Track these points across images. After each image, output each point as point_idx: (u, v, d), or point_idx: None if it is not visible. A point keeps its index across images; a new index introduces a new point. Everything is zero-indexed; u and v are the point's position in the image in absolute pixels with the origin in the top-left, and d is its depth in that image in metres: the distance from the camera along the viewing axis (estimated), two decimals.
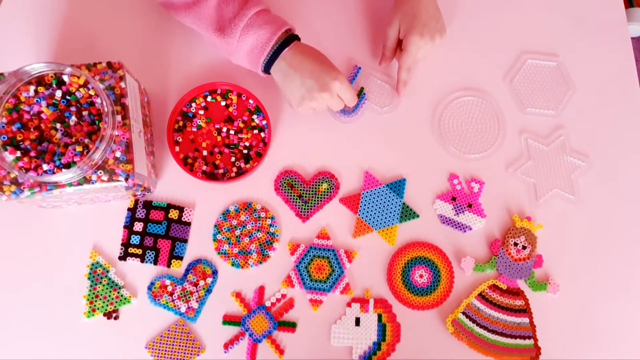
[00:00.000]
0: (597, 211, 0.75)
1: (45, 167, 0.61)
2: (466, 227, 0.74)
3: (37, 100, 0.63)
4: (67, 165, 0.61)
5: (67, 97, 0.63)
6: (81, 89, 0.63)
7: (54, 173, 0.61)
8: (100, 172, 0.62)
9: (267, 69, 0.71)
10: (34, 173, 0.61)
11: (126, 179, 0.63)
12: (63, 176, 0.60)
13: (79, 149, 0.61)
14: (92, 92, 0.63)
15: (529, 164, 0.77)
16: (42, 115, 0.63)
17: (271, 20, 0.69)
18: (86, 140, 0.62)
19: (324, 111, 0.76)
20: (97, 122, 0.63)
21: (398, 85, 0.76)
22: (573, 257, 0.74)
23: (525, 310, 0.71)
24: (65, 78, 0.63)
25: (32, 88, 0.63)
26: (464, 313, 0.71)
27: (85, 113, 0.63)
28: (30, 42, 0.79)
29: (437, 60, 0.80)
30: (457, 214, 0.75)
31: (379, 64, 0.77)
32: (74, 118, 0.63)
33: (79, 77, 0.63)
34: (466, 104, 0.79)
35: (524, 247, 0.73)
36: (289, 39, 0.70)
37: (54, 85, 0.63)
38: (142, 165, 0.67)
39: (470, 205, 0.75)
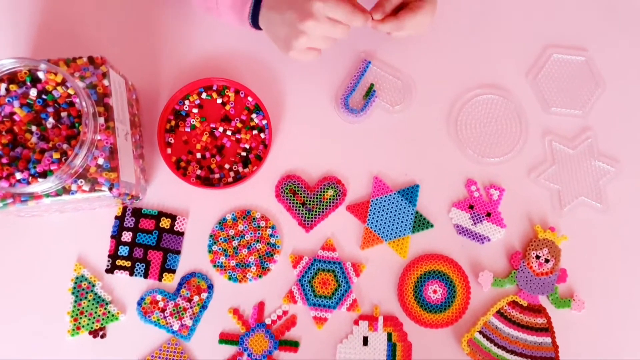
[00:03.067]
0: (626, 221, 0.71)
1: (18, 175, 0.55)
2: (484, 238, 0.70)
3: (8, 100, 0.57)
4: (44, 174, 0.55)
5: (43, 97, 0.57)
6: (59, 88, 0.57)
7: (28, 183, 0.55)
8: (81, 182, 0.57)
9: (255, 23, 0.65)
10: (5, 183, 0.55)
11: (110, 189, 0.57)
12: (39, 186, 0.55)
13: (56, 155, 0.55)
14: (71, 91, 0.57)
15: (553, 169, 0.72)
16: (15, 117, 0.57)
17: None
18: (64, 146, 0.56)
19: (328, 46, 0.64)
20: (77, 124, 0.57)
21: (378, 6, 0.65)
22: (600, 271, 0.70)
23: (547, 329, 0.68)
24: (41, 75, 0.57)
25: (3, 86, 0.57)
26: (480, 332, 0.68)
27: (63, 114, 0.57)
28: (4, 33, 0.73)
29: (454, 55, 0.75)
30: (475, 223, 0.70)
31: (370, 11, 0.65)
32: (51, 120, 0.57)
33: (55, 74, 0.57)
34: (485, 102, 0.74)
35: (547, 261, 0.69)
36: None
37: (28, 83, 0.58)
38: (129, 172, 0.61)
39: (489, 214, 0.71)
